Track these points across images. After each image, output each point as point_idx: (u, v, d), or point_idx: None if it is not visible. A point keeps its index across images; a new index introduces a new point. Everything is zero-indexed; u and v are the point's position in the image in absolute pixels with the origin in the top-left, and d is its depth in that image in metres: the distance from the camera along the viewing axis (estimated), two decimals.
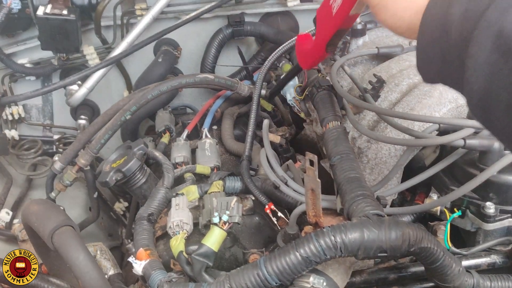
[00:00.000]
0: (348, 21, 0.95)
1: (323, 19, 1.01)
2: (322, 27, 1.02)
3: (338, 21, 0.95)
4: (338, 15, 0.94)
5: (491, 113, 0.59)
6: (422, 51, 0.68)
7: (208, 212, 1.17)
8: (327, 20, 0.98)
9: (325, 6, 0.98)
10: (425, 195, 1.34)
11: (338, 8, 0.93)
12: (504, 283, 1.07)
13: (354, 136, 1.40)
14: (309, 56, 1.13)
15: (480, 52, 0.57)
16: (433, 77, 0.69)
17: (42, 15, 1.78)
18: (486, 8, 0.58)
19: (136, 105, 1.54)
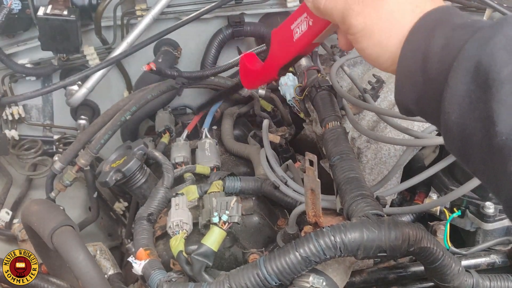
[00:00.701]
0: (309, 48, 0.90)
1: (280, 42, 0.94)
2: (278, 50, 0.95)
3: (298, 47, 0.90)
4: (300, 41, 0.88)
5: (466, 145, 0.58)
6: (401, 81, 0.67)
7: (207, 212, 1.17)
8: (285, 44, 0.92)
9: (285, 29, 0.91)
10: (424, 195, 1.34)
11: (301, 35, 0.87)
12: (504, 283, 1.07)
13: (353, 136, 1.40)
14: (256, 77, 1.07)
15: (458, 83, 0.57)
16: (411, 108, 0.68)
17: (42, 15, 1.78)
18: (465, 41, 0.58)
19: (136, 105, 1.54)
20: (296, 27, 0.88)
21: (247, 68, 1.09)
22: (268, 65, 1.00)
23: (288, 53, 0.93)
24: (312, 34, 0.86)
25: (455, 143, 0.60)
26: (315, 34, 0.85)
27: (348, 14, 0.71)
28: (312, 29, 0.85)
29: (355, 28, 0.70)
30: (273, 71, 0.98)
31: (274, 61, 0.97)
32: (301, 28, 0.87)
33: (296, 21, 0.88)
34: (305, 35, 0.87)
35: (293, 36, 0.89)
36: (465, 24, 0.62)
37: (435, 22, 0.64)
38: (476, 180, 1.15)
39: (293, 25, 0.89)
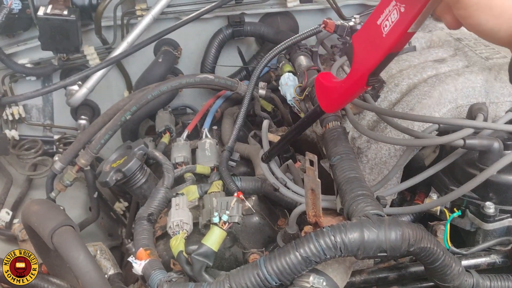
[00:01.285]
0: (402, 41, 0.81)
1: (366, 44, 0.84)
2: (364, 54, 0.85)
3: (390, 43, 0.80)
4: (392, 34, 0.79)
5: None
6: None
7: (208, 212, 1.17)
8: (373, 44, 0.83)
9: (370, 28, 0.83)
10: (425, 195, 1.34)
11: (393, 26, 0.78)
12: (504, 283, 1.07)
13: (354, 136, 1.40)
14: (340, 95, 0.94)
15: None
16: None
17: (42, 15, 1.78)
18: None
19: (136, 105, 1.54)
20: (385, 20, 0.79)
21: (326, 87, 0.97)
22: (354, 75, 0.89)
23: (379, 54, 0.83)
24: (406, 21, 0.77)
25: None
26: (410, 20, 0.76)
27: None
28: (405, 16, 0.76)
29: (467, 1, 0.62)
30: (361, 80, 0.88)
31: (361, 68, 0.87)
32: (391, 19, 0.78)
33: (383, 14, 0.80)
34: (397, 25, 0.78)
35: (382, 32, 0.80)
36: None
37: None
38: (476, 180, 1.15)
39: (379, 19, 0.80)
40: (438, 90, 1.35)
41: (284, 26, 2.11)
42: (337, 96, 0.96)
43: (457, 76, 1.39)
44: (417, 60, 1.54)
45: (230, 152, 1.42)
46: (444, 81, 1.37)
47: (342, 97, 0.95)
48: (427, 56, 1.55)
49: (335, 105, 1.00)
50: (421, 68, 1.47)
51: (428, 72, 1.45)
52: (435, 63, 1.49)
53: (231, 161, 1.41)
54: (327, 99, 0.99)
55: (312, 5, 2.08)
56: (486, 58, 1.45)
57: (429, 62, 1.51)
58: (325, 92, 0.98)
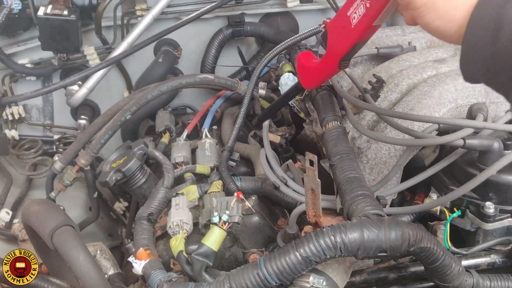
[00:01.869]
0: (369, 33, 0.88)
1: (337, 32, 0.92)
2: (336, 40, 0.94)
3: (357, 33, 0.87)
4: (359, 26, 0.86)
5: None
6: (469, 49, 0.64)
7: (208, 212, 1.17)
8: (343, 33, 0.90)
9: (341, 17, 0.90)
10: (424, 195, 1.34)
11: (360, 18, 0.85)
12: (504, 283, 1.07)
13: (354, 136, 1.40)
14: (316, 74, 1.05)
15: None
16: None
17: (42, 15, 1.78)
18: None
19: (136, 105, 1.54)
20: (353, 12, 0.86)
21: (305, 66, 1.07)
22: (328, 58, 0.98)
23: (348, 42, 0.90)
24: (371, 15, 0.83)
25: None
26: (374, 15, 0.83)
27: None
28: (370, 11, 0.83)
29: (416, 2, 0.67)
30: (333, 63, 0.97)
31: (333, 53, 0.96)
32: (359, 12, 0.85)
33: (353, 6, 0.86)
34: (364, 18, 0.84)
35: (351, 22, 0.87)
36: None
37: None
38: (476, 180, 1.15)
39: (349, 11, 0.87)
40: (438, 90, 1.35)
41: (284, 26, 2.11)
42: (314, 76, 1.07)
43: (457, 76, 1.38)
44: (417, 60, 1.54)
45: (230, 152, 1.43)
46: (444, 81, 1.37)
47: (318, 77, 1.07)
48: (427, 56, 1.55)
49: (313, 83, 1.11)
50: (421, 68, 1.47)
51: (428, 72, 1.45)
52: (435, 63, 1.49)
53: (231, 161, 1.42)
54: (305, 77, 1.10)
55: (312, 5, 2.08)
56: None
57: (429, 62, 1.51)
58: (304, 71, 1.09)
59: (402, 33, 1.78)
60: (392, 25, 1.93)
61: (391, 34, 1.77)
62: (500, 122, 1.23)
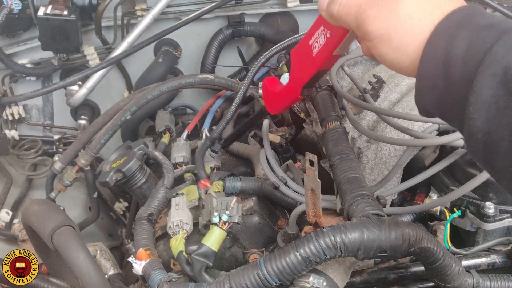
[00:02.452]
0: (329, 62, 0.89)
1: (300, 60, 0.93)
2: (298, 68, 0.94)
3: (318, 62, 0.88)
4: (320, 55, 0.87)
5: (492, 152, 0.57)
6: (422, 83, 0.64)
7: (208, 212, 1.17)
8: (305, 61, 0.91)
9: (303, 46, 0.90)
10: (425, 195, 1.34)
11: (320, 48, 0.86)
12: (504, 283, 1.07)
13: (354, 136, 1.40)
14: (280, 100, 1.05)
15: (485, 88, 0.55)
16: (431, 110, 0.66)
17: (42, 15, 1.78)
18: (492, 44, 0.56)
19: (136, 105, 1.54)
20: (314, 41, 0.87)
21: (269, 91, 1.07)
22: (291, 85, 0.99)
23: (309, 70, 0.91)
24: (331, 46, 0.84)
25: (478, 149, 0.58)
26: (334, 45, 0.84)
27: (363, 20, 0.68)
28: (330, 41, 0.83)
29: (371, 35, 0.68)
30: (296, 90, 0.97)
31: (296, 80, 0.96)
32: (320, 42, 0.85)
33: (314, 36, 0.87)
34: (324, 48, 0.85)
35: (313, 52, 0.88)
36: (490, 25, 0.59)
37: (458, 23, 0.61)
38: (476, 180, 1.15)
39: (311, 40, 0.88)
40: None
41: (284, 26, 2.11)
42: (277, 101, 1.07)
43: None
44: None
45: (212, 143, 1.41)
46: None
47: (282, 102, 1.07)
48: None
49: (276, 108, 1.11)
50: None
51: None
52: None
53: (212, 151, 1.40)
54: (270, 101, 1.10)
55: (312, 5, 2.08)
56: None
57: None
58: (269, 95, 1.09)
59: None
60: None
61: None
62: None
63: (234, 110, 1.51)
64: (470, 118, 0.57)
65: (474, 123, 0.57)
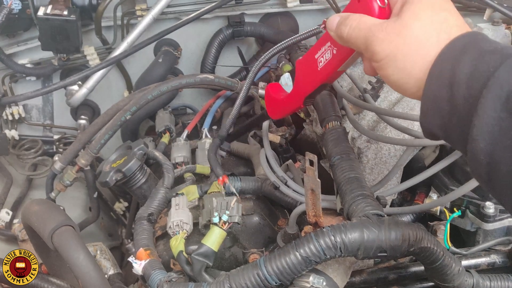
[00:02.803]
0: (333, 76, 0.90)
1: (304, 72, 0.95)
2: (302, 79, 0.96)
3: (323, 77, 0.90)
4: (324, 70, 0.88)
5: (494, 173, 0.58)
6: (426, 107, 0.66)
7: (208, 212, 1.17)
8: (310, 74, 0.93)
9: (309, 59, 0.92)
10: (425, 195, 1.34)
11: (326, 64, 0.87)
12: (504, 283, 1.07)
13: (354, 136, 1.40)
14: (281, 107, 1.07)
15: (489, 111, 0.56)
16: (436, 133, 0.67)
17: (42, 15, 1.78)
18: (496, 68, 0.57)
19: (136, 106, 1.54)
20: (320, 56, 0.88)
21: (272, 98, 1.09)
22: (294, 94, 1.00)
23: (313, 83, 0.93)
24: (336, 62, 0.85)
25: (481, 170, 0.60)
26: (339, 62, 0.85)
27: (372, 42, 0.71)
28: (336, 58, 0.85)
29: (379, 55, 0.70)
30: (298, 100, 0.99)
31: (299, 90, 0.98)
32: (325, 57, 0.87)
33: (320, 51, 0.88)
34: (329, 63, 0.87)
35: (318, 66, 0.89)
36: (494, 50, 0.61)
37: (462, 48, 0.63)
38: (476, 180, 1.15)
39: (317, 54, 0.89)
40: None
41: (284, 26, 2.11)
42: (279, 108, 1.09)
43: None
44: None
45: (222, 141, 1.41)
46: None
47: (283, 110, 1.08)
48: None
49: (278, 114, 1.12)
50: None
51: None
52: None
53: (221, 150, 1.40)
54: (272, 107, 1.11)
55: (312, 5, 2.08)
56: None
57: None
58: (271, 102, 1.11)
59: None
60: None
61: None
62: None
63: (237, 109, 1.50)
64: (474, 140, 0.59)
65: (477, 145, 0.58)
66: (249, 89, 1.56)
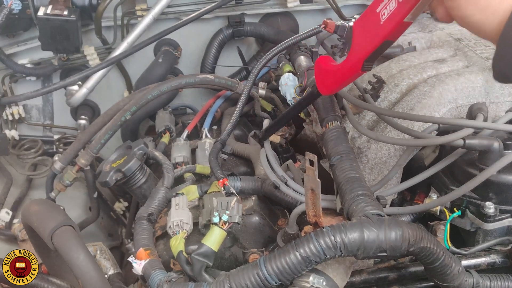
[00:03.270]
0: (398, 30, 0.85)
1: (364, 30, 0.89)
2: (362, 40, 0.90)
3: (387, 30, 0.84)
4: (389, 23, 0.83)
5: None
6: (505, 45, 0.62)
7: (208, 212, 1.17)
8: (371, 31, 0.87)
9: (370, 15, 0.87)
10: (424, 195, 1.34)
11: (390, 15, 0.82)
12: (504, 283, 1.07)
13: (354, 136, 1.40)
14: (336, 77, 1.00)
15: None
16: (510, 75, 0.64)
17: (42, 15, 1.79)
18: None
19: (136, 105, 1.54)
20: (383, 8, 0.83)
21: (323, 70, 1.02)
22: (351, 59, 0.93)
23: (375, 40, 0.87)
24: (403, 11, 0.80)
25: None
26: (407, 10, 0.79)
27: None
28: (403, 5, 0.79)
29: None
30: (357, 65, 0.92)
31: (358, 53, 0.92)
32: (390, 7, 0.82)
33: (383, 3, 0.83)
34: (395, 13, 0.81)
35: (380, 19, 0.84)
36: None
37: None
38: (476, 180, 1.15)
39: (379, 7, 0.84)
40: (438, 90, 1.35)
41: (284, 26, 2.11)
42: (333, 79, 1.01)
43: (457, 76, 1.39)
44: (417, 60, 1.54)
45: (223, 145, 1.41)
46: (444, 81, 1.37)
47: (338, 80, 1.01)
48: (427, 56, 1.55)
49: (331, 88, 1.05)
50: (421, 68, 1.47)
51: (428, 72, 1.45)
52: (435, 63, 1.49)
53: (223, 153, 1.40)
54: (324, 81, 1.04)
55: (312, 5, 2.08)
56: (486, 58, 1.45)
57: (429, 62, 1.51)
58: (323, 75, 1.04)
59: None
60: None
61: None
62: (500, 122, 1.23)
63: (239, 110, 1.50)
64: None
65: None
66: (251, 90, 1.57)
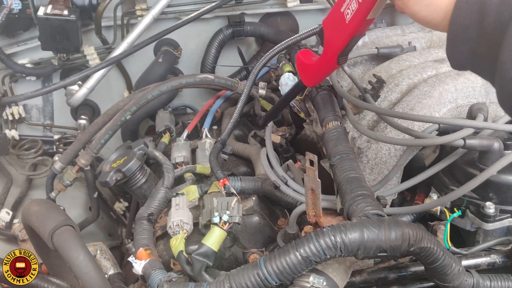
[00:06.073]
0: (363, 26, 0.90)
1: (333, 28, 0.94)
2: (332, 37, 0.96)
3: (353, 28, 0.89)
4: (353, 21, 0.88)
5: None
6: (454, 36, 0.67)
7: (208, 212, 1.17)
8: (338, 29, 0.92)
9: (335, 14, 0.92)
10: (425, 195, 1.34)
11: (354, 14, 0.87)
12: (504, 283, 1.07)
13: (354, 136, 1.40)
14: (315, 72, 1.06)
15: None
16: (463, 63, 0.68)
17: (42, 15, 1.79)
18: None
19: (136, 105, 1.54)
20: (346, 8, 0.88)
21: (304, 64, 1.08)
22: (326, 55, 0.99)
23: (344, 37, 0.92)
24: (364, 10, 0.85)
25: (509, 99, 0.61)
26: (367, 9, 0.84)
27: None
28: (363, 5, 0.85)
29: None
30: (332, 60, 0.98)
31: (330, 49, 0.97)
32: (352, 7, 0.87)
33: (345, 3, 0.88)
34: (357, 13, 0.86)
35: (345, 19, 0.89)
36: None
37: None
38: (476, 180, 1.15)
39: (342, 7, 0.89)
40: (438, 90, 1.35)
41: (284, 26, 2.11)
42: (313, 73, 1.08)
43: (457, 76, 1.39)
44: (417, 60, 1.54)
45: (223, 145, 1.41)
46: (444, 81, 1.37)
47: (317, 74, 1.08)
48: (427, 56, 1.55)
49: (313, 81, 1.12)
50: (421, 68, 1.47)
51: (428, 72, 1.45)
52: (435, 63, 1.49)
53: (223, 153, 1.40)
54: (306, 74, 1.11)
55: (312, 5, 2.08)
56: None
57: (429, 62, 1.51)
58: (304, 68, 1.10)
59: (402, 33, 1.78)
60: (392, 25, 1.93)
61: (391, 34, 1.78)
62: (500, 122, 1.23)
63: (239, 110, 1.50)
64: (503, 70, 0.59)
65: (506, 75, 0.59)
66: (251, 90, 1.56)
